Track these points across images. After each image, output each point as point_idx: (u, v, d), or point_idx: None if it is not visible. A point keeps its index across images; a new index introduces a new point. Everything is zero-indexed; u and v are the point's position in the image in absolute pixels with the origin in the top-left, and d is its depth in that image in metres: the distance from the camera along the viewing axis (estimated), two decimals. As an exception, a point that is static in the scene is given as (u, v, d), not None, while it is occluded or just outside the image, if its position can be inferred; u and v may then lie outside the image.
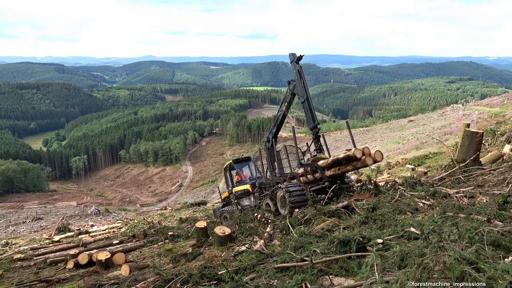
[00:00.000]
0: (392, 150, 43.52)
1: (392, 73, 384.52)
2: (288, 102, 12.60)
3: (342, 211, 7.66)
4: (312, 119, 11.25)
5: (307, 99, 11.45)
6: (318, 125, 11.35)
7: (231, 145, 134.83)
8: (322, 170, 10.02)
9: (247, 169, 15.44)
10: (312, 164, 10.35)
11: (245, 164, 15.59)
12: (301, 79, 11.70)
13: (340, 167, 9.65)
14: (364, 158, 9.00)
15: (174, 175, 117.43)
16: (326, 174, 9.98)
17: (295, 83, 12.04)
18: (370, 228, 6.07)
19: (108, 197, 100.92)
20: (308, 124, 11.47)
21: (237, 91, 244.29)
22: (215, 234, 7.95)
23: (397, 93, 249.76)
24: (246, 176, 15.08)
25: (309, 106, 11.36)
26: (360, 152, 9.07)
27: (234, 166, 15.16)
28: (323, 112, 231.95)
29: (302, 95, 11.63)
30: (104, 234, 19.89)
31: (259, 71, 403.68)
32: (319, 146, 11.20)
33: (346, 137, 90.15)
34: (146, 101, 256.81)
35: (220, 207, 16.52)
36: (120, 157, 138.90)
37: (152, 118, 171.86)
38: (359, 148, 9.26)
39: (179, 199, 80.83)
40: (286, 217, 8.47)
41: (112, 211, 39.49)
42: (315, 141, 11.30)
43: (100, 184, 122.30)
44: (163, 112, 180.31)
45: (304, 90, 11.59)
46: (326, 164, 9.95)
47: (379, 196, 8.62)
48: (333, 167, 9.85)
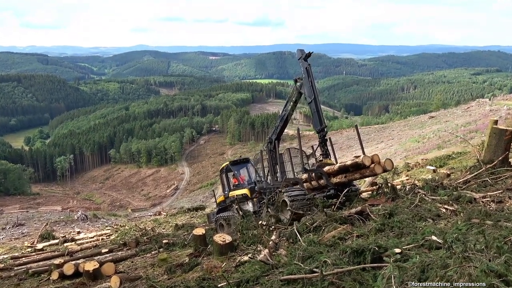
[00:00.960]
0: (411, 150, 43.44)
1: (411, 64, 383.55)
2: (294, 102, 12.75)
3: (355, 217, 7.64)
4: (319, 121, 11.36)
5: (315, 100, 11.56)
6: (326, 128, 11.50)
7: (232, 144, 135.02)
8: (327, 177, 10.15)
9: (245, 172, 15.54)
10: (317, 170, 10.47)
11: (243, 166, 15.70)
12: (309, 78, 11.83)
13: (347, 175, 9.79)
14: (373, 166, 9.12)
15: (169, 177, 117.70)
16: (331, 182, 10.10)
17: (302, 82, 12.16)
18: (387, 237, 6.05)
19: (97, 201, 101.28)
20: (314, 126, 11.60)
21: (239, 84, 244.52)
22: (215, 243, 7.95)
23: (416, 86, 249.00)
24: (244, 179, 15.17)
25: (317, 107, 11.49)
26: (369, 159, 9.19)
27: (231, 168, 15.29)
28: (334, 107, 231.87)
29: (309, 95, 11.75)
30: (92, 242, 19.95)
31: (263, 62, 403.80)
32: (325, 151, 11.35)
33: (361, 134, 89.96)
34: (138, 95, 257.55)
35: (215, 212, 16.56)
36: (109, 157, 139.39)
37: (145, 114, 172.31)
38: (368, 156, 9.38)
39: (174, 203, 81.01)
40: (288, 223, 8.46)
41: (100, 217, 39.60)
42: (322, 145, 11.43)
43: (88, 187, 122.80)
44: (157, 107, 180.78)
45: (312, 90, 11.70)
46: (332, 171, 10.08)
47: (396, 201, 8.58)
48: (339, 174, 9.99)
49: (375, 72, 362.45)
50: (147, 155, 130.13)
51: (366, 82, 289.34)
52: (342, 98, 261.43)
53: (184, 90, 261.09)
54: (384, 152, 51.89)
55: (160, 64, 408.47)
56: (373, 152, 10.64)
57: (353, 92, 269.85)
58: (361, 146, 11.31)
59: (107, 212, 53.76)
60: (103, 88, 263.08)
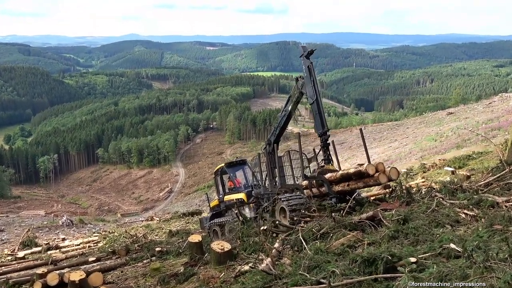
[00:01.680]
0: (428, 149, 43.39)
1: (428, 55, 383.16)
2: (295, 102, 12.98)
3: (366, 223, 7.64)
4: (321, 124, 11.57)
5: (317, 101, 11.77)
6: (328, 131, 11.66)
7: (231, 143, 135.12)
8: (329, 184, 10.34)
9: (242, 174, 15.70)
10: (319, 177, 10.67)
11: (239, 168, 15.85)
12: (311, 78, 11.99)
13: (350, 183, 9.97)
14: (378, 175, 9.30)
15: (163, 178, 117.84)
16: (333, 190, 10.28)
17: (304, 81, 12.33)
18: (401, 244, 6.05)
19: (83, 205, 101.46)
20: (316, 129, 11.77)
21: (238, 77, 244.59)
22: (212, 251, 7.95)
23: (433, 79, 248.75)
24: (241, 183, 15.31)
25: (319, 109, 11.69)
26: (373, 168, 9.39)
27: (227, 170, 15.42)
28: (343, 102, 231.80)
29: (311, 96, 11.94)
30: (78, 249, 20.00)
31: (266, 53, 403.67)
32: (327, 156, 11.54)
33: (371, 133, 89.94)
34: (129, 89, 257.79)
35: (208, 217, 16.67)
36: (97, 156, 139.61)
37: (136, 109, 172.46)
38: (372, 164, 9.56)
39: (168, 207, 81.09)
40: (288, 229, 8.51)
41: (87, 222, 39.66)
42: (324, 150, 11.60)
43: (74, 190, 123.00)
44: (149, 102, 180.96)
45: (314, 91, 11.89)
46: (334, 178, 10.28)
47: (411, 205, 8.58)
48: (342, 182, 10.18)
49: (388, 64, 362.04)
50: (138, 154, 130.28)
51: (378, 75, 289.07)
52: (352, 92, 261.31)
53: (178, 83, 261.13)
54: (398, 152, 51.85)
55: (152, 55, 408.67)
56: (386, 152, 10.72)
57: (364, 86, 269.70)
58: (366, 152, 11.44)
59: (94, 217, 53.85)
60: (90, 82, 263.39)
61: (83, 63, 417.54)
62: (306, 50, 12.40)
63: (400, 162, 39.30)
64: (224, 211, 15.53)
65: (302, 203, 10.15)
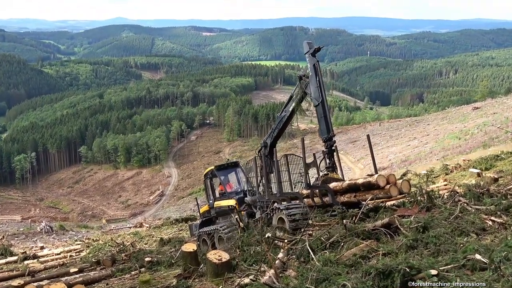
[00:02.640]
0: (451, 149, 43.35)
1: (452, 43, 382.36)
2: (298, 102, 13.12)
3: (381, 231, 7.64)
4: (326, 128, 11.82)
5: (323, 104, 11.94)
6: (334, 137, 11.92)
7: (230, 140, 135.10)
8: (334, 195, 10.54)
9: (234, 178, 15.96)
10: (323, 187, 10.88)
11: (231, 171, 16.12)
12: (316, 77, 12.14)
13: (357, 194, 10.16)
14: (389, 187, 9.46)
15: (153, 180, 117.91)
16: (338, 200, 10.45)
17: (309, 81, 12.45)
18: (420, 255, 6.06)
19: (64, 209, 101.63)
20: (320, 134, 12.03)
21: (239, 66, 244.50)
22: (209, 261, 7.97)
23: (457, 70, 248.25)
24: (232, 187, 15.58)
25: (324, 112, 11.88)
26: (384, 180, 9.58)
27: (217, 174, 15.65)
28: (356, 95, 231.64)
29: (316, 97, 12.09)
30: (58, 259, 20.02)
31: (269, 39, 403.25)
32: (332, 164, 11.78)
33: (387, 131, 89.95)
34: (116, 80, 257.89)
35: (197, 224, 16.95)
36: (80, 155, 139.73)
37: (124, 102, 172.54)
38: (383, 175, 9.75)
39: (159, 213, 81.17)
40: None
41: (69, 229, 39.80)
42: (329, 157, 11.85)
43: (53, 192, 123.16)
44: (138, 94, 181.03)
45: (319, 92, 12.03)
46: (339, 188, 10.49)
47: (432, 211, 8.59)
48: (348, 193, 10.40)
49: (407, 52, 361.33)
50: (126, 153, 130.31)
51: (396, 65, 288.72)
52: (366, 84, 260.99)
53: (171, 73, 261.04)
54: (417, 151, 51.83)
55: (142, 41, 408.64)
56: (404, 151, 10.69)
57: (379, 77, 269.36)
58: (374, 162, 11.64)
59: (76, 223, 54.03)
60: (72, 71, 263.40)
61: (65, 50, 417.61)
62: (312, 46, 12.57)
63: (420, 163, 39.32)
64: (215, 218, 15.77)
65: (303, 213, 10.27)
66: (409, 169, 28.84)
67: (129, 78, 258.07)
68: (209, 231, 14.85)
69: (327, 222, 10.09)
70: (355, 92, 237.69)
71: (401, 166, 43.43)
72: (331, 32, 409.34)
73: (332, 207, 10.60)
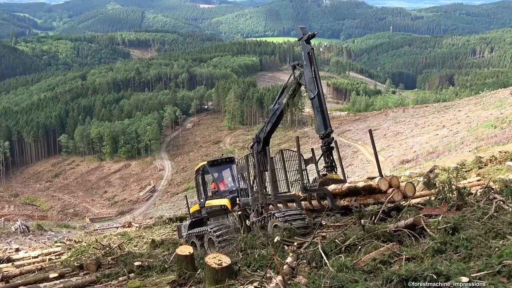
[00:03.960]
0: (485, 139, 43.18)
1: (487, 16, 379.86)
2: (291, 94, 13.48)
3: (405, 232, 7.64)
4: (323, 123, 12.10)
5: (319, 96, 12.17)
6: (332, 133, 12.15)
7: (231, 129, 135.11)
8: (333, 198, 10.79)
9: (228, 175, 16.27)
10: (321, 190, 11.10)
11: (225, 167, 16.43)
12: (311, 67, 12.41)
13: (357, 198, 10.43)
14: (391, 191, 9.69)
15: (143, 174, 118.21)
16: (338, 204, 10.71)
17: (303, 70, 12.72)
18: (449, 260, 6.06)
19: (42, 206, 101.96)
20: (317, 130, 12.28)
21: (241, 43, 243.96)
22: (207, 266, 7.99)
23: (493, 48, 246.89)
24: (226, 185, 15.91)
25: (321, 106, 12.13)
26: (386, 183, 9.80)
27: (209, 170, 15.95)
28: (376, 77, 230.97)
29: (311, 89, 12.34)
30: (36, 263, 20.14)
31: (277, 12, 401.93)
32: (331, 162, 12.07)
33: (412, 118, 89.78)
34: (100, 59, 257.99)
35: (187, 224, 17.23)
36: (60, 145, 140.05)
37: (110, 85, 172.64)
38: (385, 178, 9.94)
39: (150, 211, 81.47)
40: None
41: (47, 229, 39.96)
42: (327, 155, 12.10)
43: (30, 187, 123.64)
44: (126, 76, 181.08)
45: (315, 82, 12.27)
46: (339, 191, 10.73)
47: (463, 210, 8.57)
48: (348, 196, 10.69)
49: (436, 27, 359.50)
50: (112, 143, 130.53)
51: (423, 42, 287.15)
52: (388, 64, 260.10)
53: (164, 51, 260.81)
54: (447, 141, 51.70)
55: (130, 14, 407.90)
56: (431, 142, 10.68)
57: (403, 56, 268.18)
58: (377, 162, 11.62)
59: (56, 223, 54.20)
60: (50, 49, 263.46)
61: (42, 25, 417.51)
62: (306, 32, 12.90)
63: (449, 155, 39.26)
64: (206, 218, 16.09)
65: (301, 219, 10.50)
66: (436, 162, 28.79)
67: (116, 57, 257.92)
68: (199, 233, 15.10)
69: (342, 222, 10.12)
70: (375, 74, 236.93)
71: (428, 158, 43.37)
72: (348, 3, 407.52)
73: (332, 211, 10.86)
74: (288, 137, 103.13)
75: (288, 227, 10.58)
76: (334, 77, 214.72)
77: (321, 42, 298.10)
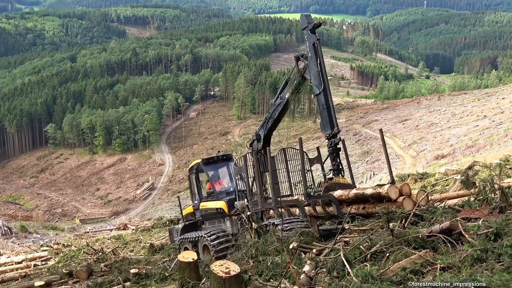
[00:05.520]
0: (533, 131, 42.93)
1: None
2: (295, 88, 13.57)
3: (440, 238, 7.62)
4: (330, 122, 12.19)
5: (325, 92, 12.30)
6: (339, 133, 12.26)
7: (241, 118, 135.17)
8: (339, 205, 10.95)
9: (225, 175, 16.46)
10: (326, 196, 11.28)
11: (222, 165, 16.60)
12: (317, 60, 12.47)
13: (365, 206, 10.63)
14: (402, 200, 9.85)
15: (141, 169, 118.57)
16: (344, 212, 10.83)
17: (307, 63, 12.81)
18: (491, 270, 6.03)
19: (26, 205, 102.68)
20: (323, 129, 12.41)
21: (253, 21, 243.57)
22: (213, 274, 8.02)
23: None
24: (223, 186, 16.11)
25: (327, 103, 12.25)
26: (396, 191, 9.97)
27: (204, 168, 16.08)
28: (407, 60, 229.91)
29: (317, 84, 12.44)
30: (20, 269, 20.29)
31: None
32: (337, 165, 12.23)
33: (449, 106, 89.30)
34: (92, 38, 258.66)
35: (179, 228, 17.45)
36: (46, 136, 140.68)
37: (103, 67, 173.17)
38: (395, 186, 10.07)
39: (149, 211, 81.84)
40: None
41: (32, 230, 40.26)
42: (333, 157, 12.25)
43: (12, 183, 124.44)
44: (121, 57, 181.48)
45: (321, 77, 12.36)
46: (346, 198, 10.88)
47: (507, 213, 8.53)
48: (355, 204, 10.87)
49: (477, 2, 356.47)
50: (106, 134, 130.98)
51: (461, 19, 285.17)
52: (421, 44, 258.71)
53: (164, 30, 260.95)
54: (488, 133, 51.37)
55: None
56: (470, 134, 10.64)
57: (439, 35, 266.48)
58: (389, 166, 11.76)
59: (42, 224, 54.55)
60: (35, 26, 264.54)
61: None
62: (311, 21, 12.95)
63: (491, 150, 38.99)
64: (201, 222, 16.28)
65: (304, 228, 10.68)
66: (476, 157, 28.63)
67: (110, 36, 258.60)
68: (192, 238, 15.32)
69: (368, 226, 10.13)
70: (406, 56, 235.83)
71: (466, 153, 43.11)
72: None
73: (338, 219, 10.96)
74: (306, 128, 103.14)
75: (306, 231, 10.63)
76: (359, 59, 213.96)
77: (344, 19, 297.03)
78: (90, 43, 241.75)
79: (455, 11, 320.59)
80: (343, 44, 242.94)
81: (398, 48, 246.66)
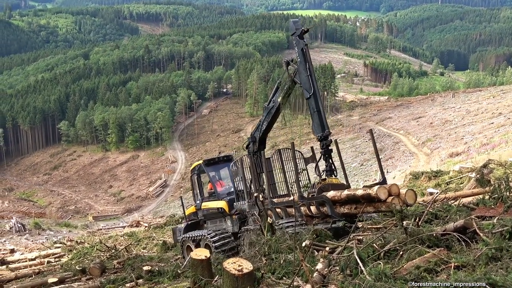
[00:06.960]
0: (549, 128, 42.62)
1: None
2: (286, 92, 13.95)
3: (454, 236, 7.59)
4: (321, 125, 12.49)
5: (314, 96, 12.56)
6: (330, 134, 12.53)
7: (254, 115, 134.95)
8: (332, 206, 11.18)
9: (226, 175, 16.98)
10: (319, 197, 11.50)
11: (223, 166, 17.08)
12: (306, 64, 12.83)
13: (357, 206, 10.84)
14: (391, 200, 9.90)
15: (154, 166, 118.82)
16: (338, 212, 11.15)
17: (297, 68, 13.20)
18: (506, 269, 6.00)
19: (40, 202, 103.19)
20: (314, 132, 12.67)
21: (266, 17, 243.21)
22: (226, 272, 8.03)
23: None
24: (224, 186, 16.66)
25: (317, 106, 12.52)
26: (385, 192, 10.03)
27: (205, 169, 16.69)
28: (421, 56, 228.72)
29: (306, 88, 12.75)
30: (33, 266, 20.39)
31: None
32: (330, 166, 12.50)
33: (463, 104, 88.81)
34: (105, 35, 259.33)
35: (182, 227, 17.87)
36: (59, 133, 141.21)
37: (115, 65, 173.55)
38: (384, 187, 10.15)
39: (161, 208, 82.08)
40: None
41: (46, 227, 40.46)
42: (325, 158, 12.52)
43: (26, 180, 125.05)
44: (134, 54, 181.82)
45: (310, 81, 12.67)
46: (338, 199, 11.09)
47: (523, 212, 8.49)
48: (347, 204, 11.12)
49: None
50: (119, 131, 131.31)
51: (477, 16, 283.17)
52: (436, 41, 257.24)
53: (177, 27, 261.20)
54: (504, 131, 51.04)
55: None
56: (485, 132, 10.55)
57: (453, 31, 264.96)
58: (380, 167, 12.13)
59: (55, 221, 54.84)
60: (48, 24, 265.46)
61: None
62: (299, 27, 13.22)
63: (507, 147, 38.74)
64: (203, 221, 16.77)
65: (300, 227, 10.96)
66: (491, 155, 28.47)
67: (122, 33, 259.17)
68: (195, 237, 15.76)
69: (382, 224, 10.15)
70: (420, 52, 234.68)
71: (481, 151, 42.88)
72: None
73: (332, 218, 11.30)
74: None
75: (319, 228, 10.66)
76: (373, 56, 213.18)
77: (358, 15, 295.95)
78: (103, 40, 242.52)
79: (470, 7, 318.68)
80: (357, 40, 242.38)
81: (412, 45, 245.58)
